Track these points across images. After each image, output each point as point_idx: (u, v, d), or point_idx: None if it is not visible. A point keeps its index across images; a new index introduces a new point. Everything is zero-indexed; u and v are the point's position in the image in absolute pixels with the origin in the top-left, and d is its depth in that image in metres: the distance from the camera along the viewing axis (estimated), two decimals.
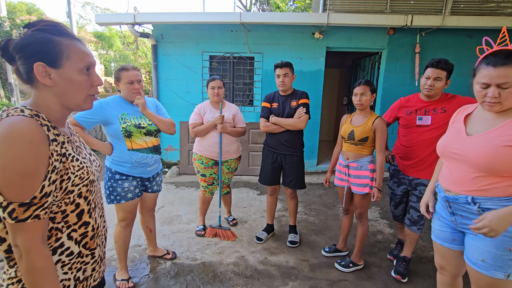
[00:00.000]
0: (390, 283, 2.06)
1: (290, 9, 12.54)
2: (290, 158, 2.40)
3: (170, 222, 2.92)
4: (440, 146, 1.35)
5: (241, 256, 2.34)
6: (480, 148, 1.14)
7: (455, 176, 1.24)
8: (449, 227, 1.33)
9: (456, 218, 1.27)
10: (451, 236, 1.33)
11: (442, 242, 1.37)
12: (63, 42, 0.75)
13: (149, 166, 1.92)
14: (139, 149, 1.84)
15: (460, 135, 1.26)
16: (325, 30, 4.26)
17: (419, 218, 2.03)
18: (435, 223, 1.41)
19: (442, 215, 1.37)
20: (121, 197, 1.84)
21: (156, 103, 2.05)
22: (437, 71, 1.84)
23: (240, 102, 4.76)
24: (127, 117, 1.81)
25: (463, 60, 4.31)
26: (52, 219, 0.79)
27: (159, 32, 4.52)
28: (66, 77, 0.76)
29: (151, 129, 1.89)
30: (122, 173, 1.84)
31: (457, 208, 1.25)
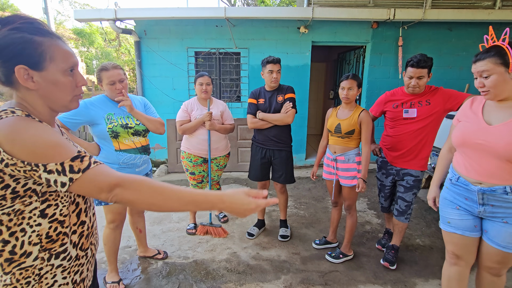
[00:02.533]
0: (379, 271, 2.12)
1: (275, 3, 12.49)
2: (279, 153, 2.41)
3: (160, 221, 2.89)
4: (460, 137, 1.34)
5: (233, 253, 2.35)
6: (508, 138, 1.17)
7: (486, 168, 1.25)
8: (470, 214, 1.35)
9: (485, 208, 1.29)
10: (473, 223, 1.35)
11: (463, 232, 1.37)
12: (45, 43, 0.71)
13: (137, 167, 1.88)
14: (126, 150, 1.80)
15: (481, 125, 1.27)
16: (310, 24, 4.27)
17: (406, 208, 2.10)
18: (451, 214, 1.41)
19: (460, 205, 1.37)
20: None
21: (144, 102, 2.00)
22: (418, 71, 1.89)
23: (227, 98, 4.73)
24: (113, 117, 1.76)
25: (444, 53, 4.44)
26: (62, 223, 0.77)
27: (142, 28, 4.40)
28: (50, 79, 0.73)
29: (139, 129, 1.84)
30: None
31: (490, 198, 1.27)
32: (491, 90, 1.22)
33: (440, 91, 1.98)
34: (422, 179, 2.11)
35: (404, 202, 2.09)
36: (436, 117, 1.98)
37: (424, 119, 1.98)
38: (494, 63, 1.20)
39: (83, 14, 4.34)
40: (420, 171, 2.05)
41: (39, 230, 0.73)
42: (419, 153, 2.03)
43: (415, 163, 2.04)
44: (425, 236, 2.62)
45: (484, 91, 1.25)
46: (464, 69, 4.54)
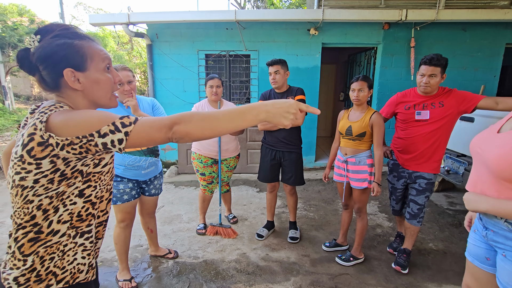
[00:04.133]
0: (390, 275, 2.09)
1: (285, 5, 12.51)
2: (288, 155, 2.41)
3: (170, 221, 2.93)
4: (470, 143, 1.16)
5: (242, 253, 2.35)
6: (498, 149, 0.96)
7: (481, 182, 1.06)
8: (483, 242, 1.12)
9: (487, 233, 1.07)
10: (485, 253, 1.11)
11: (473, 260, 1.15)
12: (84, 45, 0.76)
13: (143, 169, 1.88)
14: (131, 152, 1.80)
15: (490, 131, 1.07)
16: (321, 26, 4.27)
17: (418, 211, 2.06)
18: (470, 237, 1.20)
19: (477, 228, 1.15)
20: (117, 198, 1.82)
21: (153, 103, 2.00)
22: (431, 68, 1.86)
23: (237, 100, 4.76)
24: None
25: (458, 54, 4.35)
26: (93, 204, 0.82)
27: (153, 32, 4.49)
28: (93, 78, 0.78)
29: None
30: (117, 175, 1.82)
31: (487, 221, 1.07)
32: None
33: (454, 92, 1.95)
34: (435, 182, 2.07)
35: (416, 205, 2.06)
36: (450, 119, 1.95)
37: (437, 121, 1.94)
38: None
39: (98, 19, 4.47)
40: (433, 174, 2.02)
41: (73, 208, 0.78)
42: (432, 155, 2.00)
43: (427, 165, 2.01)
44: (438, 240, 2.57)
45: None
46: (479, 70, 4.43)
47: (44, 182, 0.70)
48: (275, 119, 0.74)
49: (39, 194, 0.71)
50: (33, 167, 0.68)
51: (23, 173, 0.69)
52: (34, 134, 0.67)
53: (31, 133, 0.67)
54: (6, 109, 7.05)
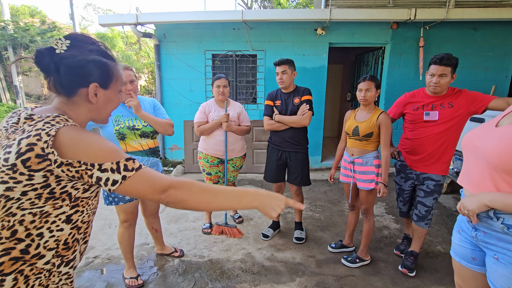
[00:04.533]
0: (397, 277, 2.07)
1: (292, 5, 12.47)
2: (294, 155, 2.41)
3: (176, 220, 2.95)
4: (463, 139, 1.14)
5: (248, 253, 2.36)
6: (499, 141, 0.93)
7: (475, 175, 1.02)
8: (469, 242, 1.12)
9: (477, 234, 1.06)
10: (471, 253, 1.11)
11: (460, 260, 1.16)
12: (113, 66, 0.82)
13: None
14: (133, 152, 1.81)
15: (487, 126, 1.04)
16: (328, 26, 4.24)
17: (426, 213, 2.03)
18: (455, 237, 1.20)
19: (463, 228, 1.15)
20: (119, 199, 1.82)
21: (154, 103, 2.00)
22: (441, 68, 1.83)
23: (243, 100, 4.77)
24: (121, 119, 1.77)
25: (468, 53, 4.27)
26: (78, 229, 0.79)
27: (161, 32, 4.53)
28: (108, 97, 0.83)
29: (146, 130, 1.85)
30: None
31: (479, 222, 1.03)
32: None
33: (464, 93, 1.91)
34: (443, 184, 2.03)
35: (424, 207, 2.03)
36: (459, 120, 1.91)
37: (446, 122, 1.91)
38: None
39: (107, 19, 4.53)
40: (442, 176, 1.99)
41: (59, 235, 0.74)
42: (441, 157, 1.97)
43: (436, 167, 1.98)
44: (446, 243, 2.52)
45: None
46: (490, 70, 4.35)
47: (31, 196, 0.67)
48: (266, 209, 0.81)
49: (23, 208, 0.68)
50: (24, 177, 0.65)
51: (11, 183, 0.65)
52: (35, 145, 0.65)
53: (32, 143, 0.65)
54: (18, 108, 7.23)
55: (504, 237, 0.96)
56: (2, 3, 8.21)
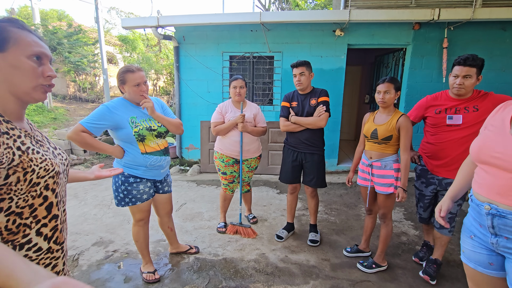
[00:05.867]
0: (415, 285, 2.00)
1: (310, 6, 12.39)
2: (310, 157, 2.39)
3: (192, 218, 3.00)
4: (476, 149, 1.11)
5: (261, 254, 2.36)
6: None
7: (500, 184, 1.00)
8: (485, 248, 1.10)
9: (499, 240, 1.03)
10: (487, 259, 1.09)
11: (476, 266, 1.13)
12: (11, 29, 0.76)
13: (162, 169, 1.93)
14: (152, 152, 1.83)
15: (503, 136, 1.02)
16: (347, 27, 4.18)
17: (450, 220, 1.95)
18: (466, 242, 1.18)
19: (475, 234, 1.13)
20: (136, 199, 1.86)
21: (161, 103, 2.00)
22: (465, 69, 1.76)
23: (259, 101, 4.78)
24: (137, 121, 1.77)
25: (496, 54, 4.08)
26: (19, 215, 0.77)
27: (181, 34, 4.64)
28: (11, 61, 0.75)
29: (161, 131, 1.87)
30: (136, 176, 1.84)
31: (502, 228, 1.01)
32: None
33: (490, 96, 1.83)
34: (467, 190, 1.95)
35: (448, 214, 1.95)
36: None
37: (470, 127, 1.83)
38: None
39: (129, 22, 4.69)
40: None
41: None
42: None
43: None
44: None
45: None
46: None
47: None
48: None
49: None
50: None
51: None
52: None
53: None
54: (45, 107, 7.58)
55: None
56: (33, 8, 8.69)
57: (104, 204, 3.38)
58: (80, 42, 9.78)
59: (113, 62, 12.75)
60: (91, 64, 9.84)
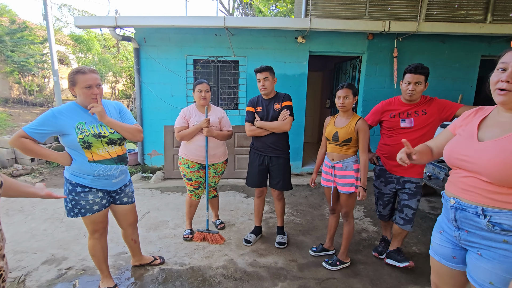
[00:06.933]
0: (375, 278, 2.13)
1: (273, 13, 12.71)
2: (276, 160, 2.43)
3: (156, 228, 2.87)
4: (447, 152, 1.18)
5: (230, 259, 2.33)
6: (493, 155, 0.98)
7: (464, 181, 1.08)
8: (450, 242, 1.18)
9: (460, 233, 1.11)
10: (451, 252, 1.18)
11: (440, 259, 1.22)
12: None
13: (114, 178, 1.79)
14: (101, 161, 1.69)
15: (470, 140, 1.10)
16: (308, 34, 4.37)
17: (413, 216, 2.12)
18: (435, 237, 1.26)
19: (444, 229, 1.21)
20: (86, 210, 1.71)
21: (120, 107, 1.87)
22: (416, 76, 1.95)
23: (225, 105, 4.76)
24: (84, 127, 1.64)
25: (437, 64, 4.55)
26: None
27: (141, 36, 4.45)
28: None
29: (113, 137, 1.73)
30: (84, 185, 1.69)
31: (463, 221, 1.09)
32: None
33: (435, 101, 2.04)
34: (422, 186, 2.13)
35: (411, 209, 2.10)
36: (432, 127, 2.03)
37: (421, 129, 2.02)
38: None
39: (84, 21, 4.39)
40: (419, 178, 2.09)
41: None
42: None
43: (414, 170, 2.07)
44: (421, 244, 2.64)
45: (505, 90, 0.99)
46: (457, 80, 4.66)
47: None
48: None
49: None
50: None
51: None
52: None
53: None
54: None
55: (488, 235, 1.01)
56: None
57: (55, 217, 3.08)
58: (25, 40, 8.89)
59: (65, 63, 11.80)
60: (39, 64, 8.99)
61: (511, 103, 0.99)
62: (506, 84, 0.97)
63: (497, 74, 1.01)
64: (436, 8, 4.32)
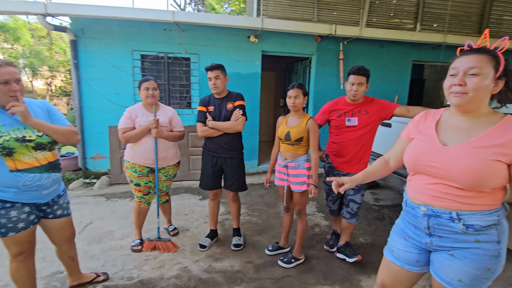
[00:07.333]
0: (327, 272, 2.22)
1: (226, 11, 12.60)
2: (230, 161, 2.38)
3: (100, 240, 2.60)
4: (411, 158, 1.17)
5: (183, 267, 2.22)
6: (467, 163, 0.99)
7: (436, 189, 1.09)
8: (417, 248, 1.19)
9: (432, 239, 1.12)
10: (417, 257, 1.19)
11: (403, 264, 1.22)
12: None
13: (45, 189, 1.56)
14: (28, 169, 1.47)
15: (434, 145, 1.10)
16: (260, 34, 4.39)
17: (358, 210, 2.25)
18: (398, 243, 1.25)
19: (410, 235, 1.21)
20: (8, 229, 1.47)
21: (48, 107, 1.64)
22: (358, 77, 2.07)
23: (177, 104, 4.55)
24: (3, 130, 1.41)
25: (377, 67, 4.96)
26: None
27: (79, 26, 4.00)
28: None
29: (42, 141, 1.51)
30: (5, 200, 1.45)
31: (437, 228, 1.10)
32: (471, 93, 1.00)
33: (376, 101, 2.20)
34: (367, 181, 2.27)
35: (356, 204, 2.23)
36: (374, 125, 2.18)
37: (364, 127, 2.16)
38: (489, 63, 0.99)
39: (6, 6, 3.77)
40: None
41: None
42: (362, 157, 2.21)
43: (359, 167, 2.21)
44: (367, 235, 2.84)
45: (458, 92, 1.02)
46: (394, 82, 5.14)
47: None
48: None
49: None
50: None
51: None
52: None
53: None
54: None
55: (462, 237, 1.05)
56: None
57: None
58: None
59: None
60: None
61: (465, 105, 1.03)
62: (459, 87, 1.02)
63: (450, 79, 1.06)
64: (375, 15, 4.71)
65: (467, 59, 1.02)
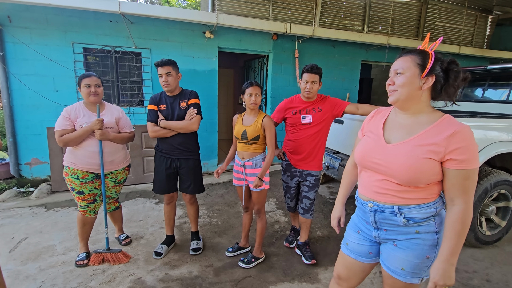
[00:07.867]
0: (287, 268, 2.25)
1: (181, 5, 12.11)
2: (185, 163, 2.27)
3: (37, 257, 2.30)
4: (359, 155, 1.23)
5: (136, 279, 2.06)
6: (403, 161, 1.06)
7: (379, 185, 1.16)
8: (368, 240, 1.27)
9: (380, 233, 1.20)
10: (369, 249, 1.27)
11: (357, 257, 1.30)
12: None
13: None
14: None
15: (379, 143, 1.17)
16: (216, 30, 4.28)
17: (311, 205, 2.30)
18: (352, 236, 1.32)
19: (362, 229, 1.28)
20: None
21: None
22: (312, 76, 2.11)
23: (128, 102, 4.23)
24: None
25: (330, 66, 5.19)
26: None
27: (4, 13, 3.48)
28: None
29: None
30: None
31: (382, 222, 1.17)
32: (399, 89, 1.09)
33: (328, 99, 2.27)
34: (320, 178, 2.35)
35: (309, 200, 2.29)
36: (327, 122, 2.25)
37: (318, 124, 2.21)
38: (412, 62, 1.08)
39: None
40: (319, 171, 2.29)
41: None
42: (317, 154, 2.26)
43: (314, 164, 2.26)
44: (323, 228, 2.95)
45: (391, 91, 1.13)
46: (345, 80, 5.42)
47: None
48: None
49: None
50: None
51: None
52: None
53: None
54: None
55: (404, 230, 1.13)
56: None
57: None
58: None
59: None
60: None
61: (397, 102, 1.11)
62: (391, 86, 1.13)
63: (389, 79, 1.15)
64: (327, 16, 4.90)
65: (396, 62, 1.13)
